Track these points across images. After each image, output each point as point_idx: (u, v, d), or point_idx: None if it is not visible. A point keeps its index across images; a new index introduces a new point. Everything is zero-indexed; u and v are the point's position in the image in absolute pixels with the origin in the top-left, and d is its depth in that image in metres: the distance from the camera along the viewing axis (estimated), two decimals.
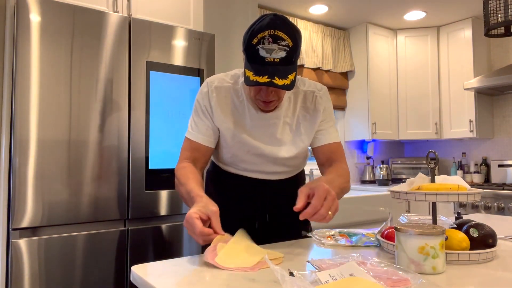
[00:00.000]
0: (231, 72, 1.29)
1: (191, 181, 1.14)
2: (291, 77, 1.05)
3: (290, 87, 1.05)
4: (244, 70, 1.09)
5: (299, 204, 0.98)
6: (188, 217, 0.95)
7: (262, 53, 1.04)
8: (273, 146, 1.25)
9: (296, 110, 1.26)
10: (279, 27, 1.04)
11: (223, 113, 1.23)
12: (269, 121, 1.23)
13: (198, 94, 1.27)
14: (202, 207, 0.99)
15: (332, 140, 1.28)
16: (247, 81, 1.06)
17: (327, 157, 1.28)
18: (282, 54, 1.04)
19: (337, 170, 1.22)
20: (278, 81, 1.03)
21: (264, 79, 1.03)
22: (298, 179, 1.39)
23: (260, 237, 1.33)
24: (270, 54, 1.04)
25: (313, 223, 2.63)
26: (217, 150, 1.33)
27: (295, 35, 1.06)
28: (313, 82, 1.31)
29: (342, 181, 1.18)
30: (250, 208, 1.33)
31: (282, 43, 1.04)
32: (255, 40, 1.04)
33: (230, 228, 1.27)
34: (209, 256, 0.93)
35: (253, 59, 1.06)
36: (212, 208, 1.00)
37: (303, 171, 1.43)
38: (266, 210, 1.33)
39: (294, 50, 1.06)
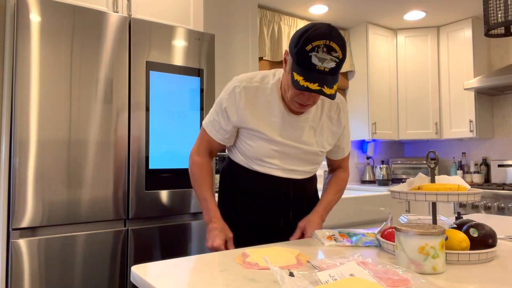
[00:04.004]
0: (260, 72, 1.33)
1: (207, 187, 1.34)
2: (335, 87, 1.11)
3: (334, 96, 1.11)
4: (293, 73, 1.12)
5: (294, 238, 1.30)
6: (218, 247, 1.23)
7: (315, 60, 1.08)
8: (298, 144, 1.31)
9: (322, 116, 1.34)
10: (334, 38, 1.08)
11: (253, 112, 1.27)
12: (298, 123, 1.29)
13: (224, 93, 1.30)
14: (222, 235, 1.26)
15: (346, 154, 1.48)
16: (296, 85, 1.09)
17: (338, 165, 1.51)
18: (332, 64, 1.09)
19: (337, 183, 1.45)
20: (327, 90, 1.09)
21: (315, 86, 1.08)
22: (313, 179, 1.47)
23: (284, 235, 1.37)
24: (322, 63, 1.08)
25: None
26: (240, 147, 1.34)
27: (345, 48, 1.11)
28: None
29: (338, 196, 1.44)
30: (275, 206, 1.35)
31: (334, 55, 1.08)
32: (309, 47, 1.07)
33: (256, 227, 1.37)
34: (247, 263, 0.94)
35: (303, 65, 1.09)
36: (229, 234, 1.27)
37: (315, 174, 1.52)
38: (290, 208, 1.37)
39: (342, 62, 1.11)
